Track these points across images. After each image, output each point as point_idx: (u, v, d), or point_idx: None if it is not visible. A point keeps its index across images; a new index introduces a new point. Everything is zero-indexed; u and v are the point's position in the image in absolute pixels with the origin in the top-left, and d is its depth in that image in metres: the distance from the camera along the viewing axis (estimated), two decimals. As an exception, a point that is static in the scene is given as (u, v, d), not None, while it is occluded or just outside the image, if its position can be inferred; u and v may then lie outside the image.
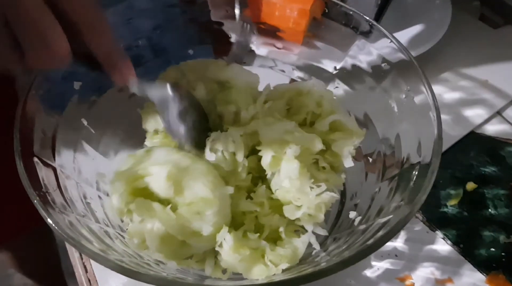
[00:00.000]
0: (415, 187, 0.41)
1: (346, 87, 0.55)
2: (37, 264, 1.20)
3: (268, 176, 0.47)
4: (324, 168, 0.48)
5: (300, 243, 0.44)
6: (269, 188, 0.47)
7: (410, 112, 0.47)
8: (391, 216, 0.40)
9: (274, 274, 0.41)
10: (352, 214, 0.47)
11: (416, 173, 0.42)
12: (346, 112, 0.52)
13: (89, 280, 0.49)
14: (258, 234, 0.45)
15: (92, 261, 0.50)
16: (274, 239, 0.45)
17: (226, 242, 0.42)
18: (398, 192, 0.43)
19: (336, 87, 0.55)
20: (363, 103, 0.53)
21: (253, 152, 0.49)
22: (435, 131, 0.42)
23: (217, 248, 0.43)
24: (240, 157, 0.46)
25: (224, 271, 0.44)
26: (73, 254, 0.52)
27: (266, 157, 0.46)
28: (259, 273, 0.41)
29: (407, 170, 0.44)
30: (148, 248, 0.41)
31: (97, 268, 0.50)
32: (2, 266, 1.38)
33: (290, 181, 0.44)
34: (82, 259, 0.51)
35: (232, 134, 0.47)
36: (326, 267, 0.35)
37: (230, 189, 0.44)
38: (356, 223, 0.45)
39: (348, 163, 0.49)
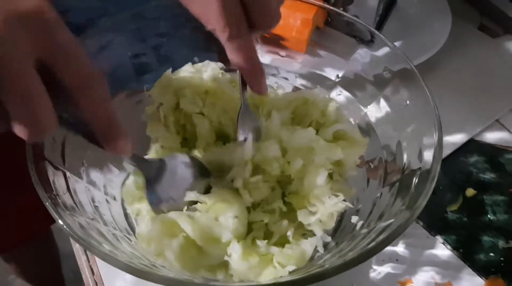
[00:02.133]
0: (416, 192, 0.42)
1: (348, 95, 0.56)
2: (38, 271, 1.21)
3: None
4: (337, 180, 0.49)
5: (308, 245, 0.45)
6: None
7: (411, 119, 0.48)
8: (392, 220, 0.41)
9: (281, 276, 0.42)
10: (354, 219, 0.48)
11: (417, 179, 0.43)
12: (350, 122, 0.53)
13: (96, 282, 0.50)
14: (266, 240, 0.46)
15: (98, 264, 0.51)
16: (282, 244, 0.46)
17: (235, 251, 0.43)
18: (399, 197, 0.44)
19: (339, 94, 0.56)
20: (365, 110, 0.54)
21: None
22: (435, 138, 0.44)
23: (226, 258, 0.43)
24: None
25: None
26: (80, 257, 0.52)
27: (296, 164, 0.46)
28: (267, 275, 0.42)
29: (408, 176, 0.45)
30: (166, 257, 0.42)
31: (103, 270, 0.51)
32: (3, 272, 1.39)
33: (313, 188, 0.45)
34: (89, 262, 0.52)
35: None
36: (328, 268, 0.36)
37: (248, 200, 0.45)
38: (358, 227, 0.46)
39: (353, 172, 0.50)
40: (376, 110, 0.53)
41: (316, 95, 0.53)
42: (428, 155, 0.43)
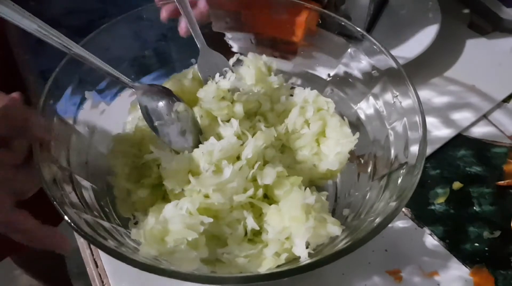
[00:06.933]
0: (402, 185, 0.44)
1: (339, 93, 0.58)
2: (43, 266, 1.23)
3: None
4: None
5: None
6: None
7: (398, 116, 0.51)
8: (380, 212, 0.43)
9: (278, 266, 0.44)
10: (346, 212, 0.50)
11: (404, 172, 0.46)
12: (341, 118, 0.56)
13: (100, 275, 0.53)
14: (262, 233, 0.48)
15: (102, 258, 0.54)
16: None
17: (234, 249, 0.46)
18: (387, 190, 0.46)
19: (330, 92, 0.59)
20: (355, 107, 0.56)
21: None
22: (420, 134, 0.46)
23: (225, 256, 0.46)
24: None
25: None
26: (85, 251, 0.55)
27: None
28: (265, 266, 0.45)
29: (396, 170, 0.47)
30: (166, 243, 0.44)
31: (107, 263, 0.53)
32: (9, 267, 1.42)
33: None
34: (93, 255, 0.54)
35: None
36: (320, 258, 0.39)
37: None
38: (349, 219, 0.49)
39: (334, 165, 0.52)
40: (366, 108, 0.55)
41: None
42: (414, 150, 0.46)
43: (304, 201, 0.46)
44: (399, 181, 0.45)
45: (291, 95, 0.58)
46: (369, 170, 0.53)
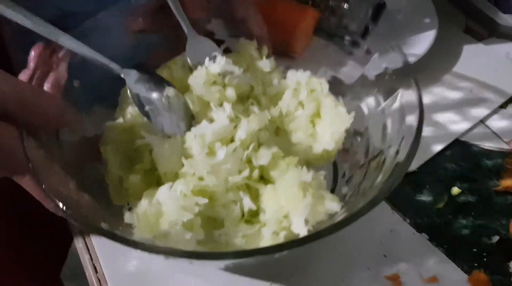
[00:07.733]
0: (396, 168, 0.42)
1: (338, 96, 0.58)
2: (33, 269, 1.22)
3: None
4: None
5: None
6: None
7: (395, 114, 0.50)
8: (375, 188, 0.42)
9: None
10: (344, 190, 0.50)
11: (397, 157, 0.44)
12: (335, 99, 0.55)
13: (99, 280, 0.52)
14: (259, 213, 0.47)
15: (101, 262, 0.53)
16: None
17: (232, 230, 0.45)
18: (382, 171, 0.45)
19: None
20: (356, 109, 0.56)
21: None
22: (414, 129, 0.44)
23: (222, 237, 0.45)
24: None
25: None
26: (83, 256, 0.54)
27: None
28: (264, 244, 0.44)
29: (390, 157, 0.46)
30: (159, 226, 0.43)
31: (106, 268, 0.53)
32: None
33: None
34: (92, 260, 0.54)
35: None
36: (315, 232, 0.37)
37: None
38: (347, 197, 0.49)
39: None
40: (365, 108, 0.55)
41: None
42: (408, 142, 0.44)
43: (301, 179, 0.45)
44: (393, 166, 0.43)
45: (284, 78, 0.58)
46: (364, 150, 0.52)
